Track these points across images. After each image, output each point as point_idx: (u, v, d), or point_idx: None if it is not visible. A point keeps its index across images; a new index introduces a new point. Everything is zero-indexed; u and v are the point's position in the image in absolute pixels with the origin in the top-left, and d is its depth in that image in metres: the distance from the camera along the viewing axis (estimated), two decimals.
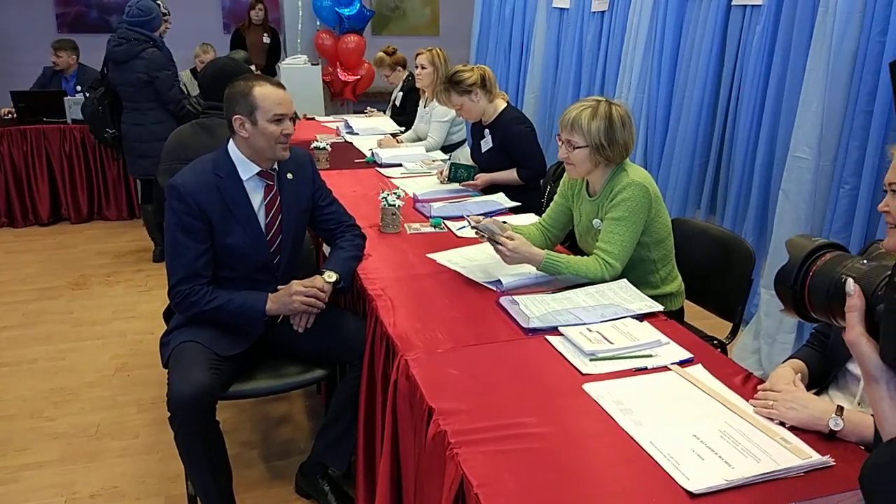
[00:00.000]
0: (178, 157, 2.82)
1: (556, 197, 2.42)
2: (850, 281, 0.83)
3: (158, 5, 4.50)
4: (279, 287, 2.13)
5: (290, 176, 2.19)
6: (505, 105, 3.17)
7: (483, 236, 2.13)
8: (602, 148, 2.07)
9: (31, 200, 5.36)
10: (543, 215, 2.46)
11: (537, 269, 2.09)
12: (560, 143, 2.15)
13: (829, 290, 0.86)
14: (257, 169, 2.11)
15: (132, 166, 4.60)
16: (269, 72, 6.94)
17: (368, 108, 5.54)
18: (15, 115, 5.42)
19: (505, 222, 2.21)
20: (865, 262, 0.85)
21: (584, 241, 2.31)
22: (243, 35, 7.04)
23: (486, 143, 3.21)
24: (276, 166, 2.17)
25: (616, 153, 2.09)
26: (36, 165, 5.30)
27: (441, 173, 3.33)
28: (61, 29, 7.61)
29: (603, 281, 2.06)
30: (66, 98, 5.28)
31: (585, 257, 2.13)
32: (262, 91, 2.04)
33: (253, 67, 4.91)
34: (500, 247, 2.05)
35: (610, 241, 2.09)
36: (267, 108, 2.04)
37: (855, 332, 0.81)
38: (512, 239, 2.05)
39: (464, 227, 2.50)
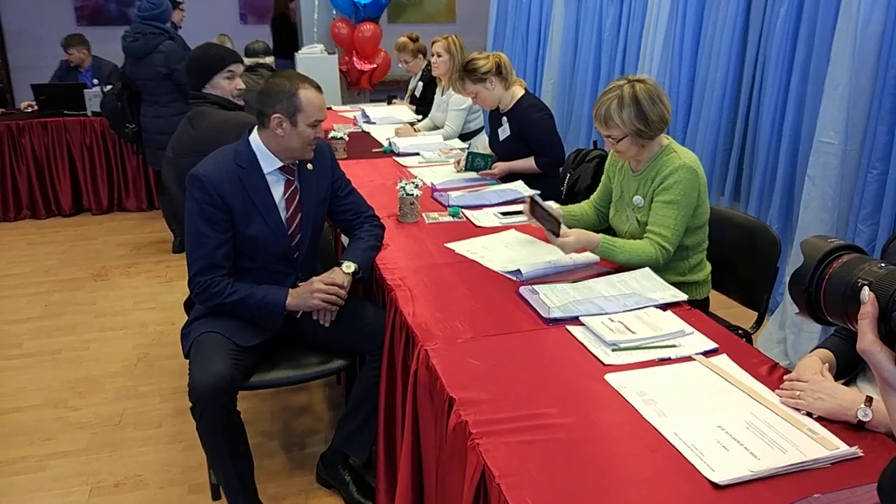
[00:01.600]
0: (174, 151, 2.83)
1: (602, 177, 2.42)
2: (866, 289, 0.81)
3: None
4: (299, 278, 2.14)
5: (309, 167, 2.19)
6: (523, 92, 3.14)
7: (540, 225, 2.15)
8: (640, 131, 2.06)
9: (54, 192, 5.44)
10: (594, 195, 2.46)
11: (592, 252, 2.11)
12: (603, 137, 2.16)
13: (846, 294, 0.84)
14: (279, 164, 2.11)
15: (152, 158, 4.64)
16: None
17: (394, 99, 5.50)
18: (36, 108, 5.48)
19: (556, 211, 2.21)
20: (883, 265, 0.83)
21: (619, 217, 2.29)
22: (293, 21, 7.31)
23: (504, 131, 3.18)
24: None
25: (654, 130, 2.08)
26: (57, 157, 5.37)
27: (458, 162, 3.32)
28: (80, 22, 7.66)
29: (658, 265, 2.07)
30: (85, 91, 5.32)
31: (640, 241, 2.12)
32: (307, 94, 2.04)
33: (271, 60, 4.92)
34: (557, 237, 2.08)
35: (664, 224, 2.08)
36: (310, 113, 2.04)
37: (867, 340, 0.79)
38: (567, 235, 2.07)
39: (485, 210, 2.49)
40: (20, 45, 7.19)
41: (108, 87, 4.82)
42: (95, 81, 5.54)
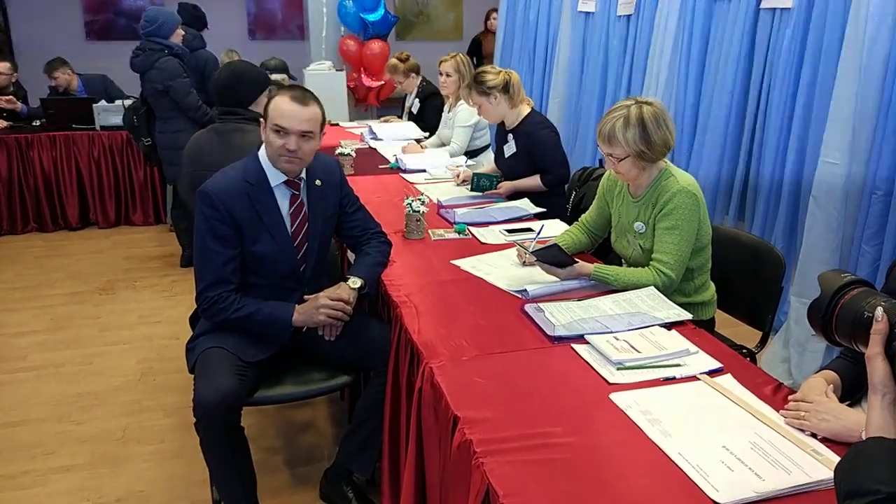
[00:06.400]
0: (196, 165, 2.83)
1: (595, 199, 2.41)
2: (880, 308, 0.99)
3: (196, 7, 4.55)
4: (306, 294, 2.14)
5: (318, 183, 2.20)
6: (529, 110, 3.16)
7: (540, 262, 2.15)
8: (643, 153, 2.06)
9: (61, 205, 5.47)
10: (584, 215, 2.46)
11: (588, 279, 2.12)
12: (604, 156, 2.15)
13: (854, 322, 1.03)
14: (284, 178, 2.12)
15: (166, 172, 4.68)
16: None
17: (387, 117, 5.55)
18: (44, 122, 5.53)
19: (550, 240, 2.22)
20: (885, 300, 1.01)
21: (620, 243, 2.29)
22: (480, 41, 7.74)
23: (510, 148, 3.19)
24: (303, 175, 2.17)
25: (657, 153, 2.08)
26: (65, 171, 5.41)
27: (458, 176, 3.33)
28: (89, 37, 7.76)
29: (660, 290, 2.04)
30: (94, 105, 5.37)
31: (639, 268, 2.12)
32: (278, 100, 2.04)
33: (284, 77, 4.96)
34: (554, 271, 2.10)
35: (665, 250, 2.07)
36: (272, 118, 2.03)
37: (874, 350, 0.99)
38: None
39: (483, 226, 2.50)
40: (30, 58, 7.24)
41: (129, 100, 4.88)
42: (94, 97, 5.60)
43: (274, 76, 4.96)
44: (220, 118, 2.94)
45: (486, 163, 3.93)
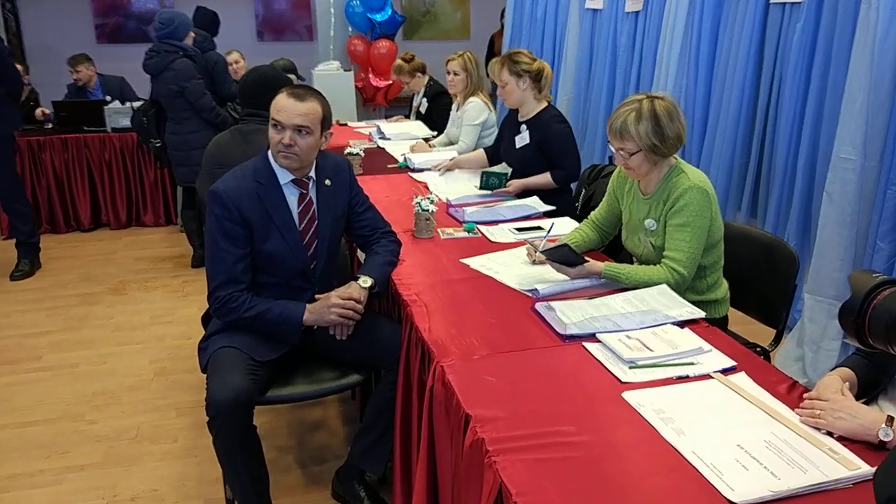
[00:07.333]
0: (218, 163, 2.88)
1: (605, 195, 2.40)
2: None
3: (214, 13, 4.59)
4: (316, 293, 2.15)
5: (328, 182, 2.21)
6: (546, 105, 3.14)
7: (550, 261, 2.14)
8: (655, 147, 2.04)
9: (73, 207, 5.52)
10: (595, 213, 2.44)
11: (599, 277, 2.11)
12: (613, 151, 2.13)
13: (888, 322, 1.00)
14: (292, 176, 2.13)
15: (176, 174, 4.71)
16: None
17: (395, 116, 5.56)
18: (54, 124, 5.57)
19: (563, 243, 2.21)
20: None
21: (631, 240, 2.28)
22: (494, 39, 7.81)
23: (522, 139, 3.17)
24: (311, 174, 2.18)
25: (669, 147, 2.06)
26: (77, 173, 5.46)
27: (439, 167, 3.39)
28: (100, 40, 7.80)
29: (673, 288, 2.03)
30: (105, 107, 5.40)
31: (651, 266, 2.10)
32: (277, 97, 2.06)
33: (293, 77, 5.00)
34: (565, 270, 2.09)
35: (677, 248, 2.06)
36: (272, 114, 2.06)
37: None
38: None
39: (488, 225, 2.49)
40: (41, 61, 7.30)
41: (139, 102, 4.92)
42: (108, 98, 5.64)
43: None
44: (244, 119, 3.03)
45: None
